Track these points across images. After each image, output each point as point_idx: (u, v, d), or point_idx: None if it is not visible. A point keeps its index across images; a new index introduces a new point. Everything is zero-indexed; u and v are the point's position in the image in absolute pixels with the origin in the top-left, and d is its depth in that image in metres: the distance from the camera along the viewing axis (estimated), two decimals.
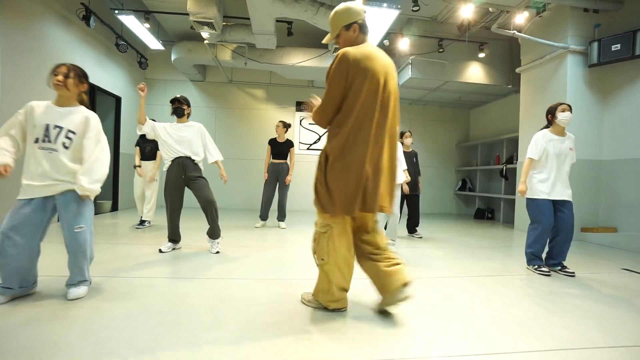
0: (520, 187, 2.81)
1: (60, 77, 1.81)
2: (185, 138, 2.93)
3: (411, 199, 4.37)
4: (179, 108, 2.97)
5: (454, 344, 1.50)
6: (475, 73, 5.89)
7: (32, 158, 1.79)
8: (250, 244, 3.55)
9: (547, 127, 2.82)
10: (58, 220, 1.93)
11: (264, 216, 4.65)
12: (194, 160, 2.96)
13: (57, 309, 1.71)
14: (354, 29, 1.69)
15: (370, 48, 1.65)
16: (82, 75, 1.91)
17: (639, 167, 4.08)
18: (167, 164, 2.95)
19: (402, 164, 3.49)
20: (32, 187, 1.77)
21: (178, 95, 3.03)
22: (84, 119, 1.88)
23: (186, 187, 3.01)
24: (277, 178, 4.59)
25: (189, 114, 3.07)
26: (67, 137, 1.83)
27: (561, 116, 2.68)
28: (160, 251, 2.97)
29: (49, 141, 1.79)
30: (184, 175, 2.93)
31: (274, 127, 5.00)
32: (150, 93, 7.03)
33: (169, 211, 2.99)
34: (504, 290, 2.27)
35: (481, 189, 7.25)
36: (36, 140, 1.78)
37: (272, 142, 4.63)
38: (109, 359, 1.29)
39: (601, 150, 4.53)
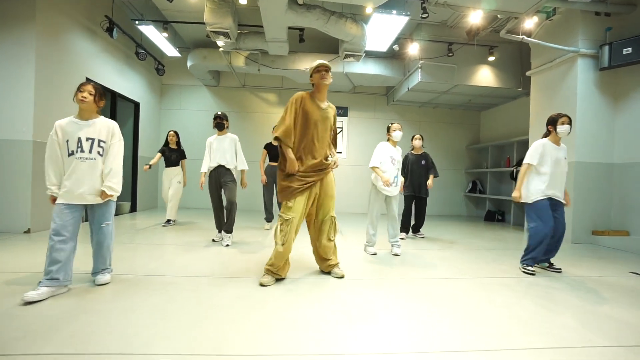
0: (515, 193, 2.89)
1: (85, 94, 2.05)
2: (222, 147, 3.49)
3: (418, 201, 4.46)
4: (220, 123, 3.54)
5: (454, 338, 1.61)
6: (485, 76, 5.92)
7: (69, 168, 2.03)
8: (264, 242, 3.71)
9: (546, 135, 2.92)
10: (85, 220, 2.12)
11: (269, 218, 4.89)
12: (226, 167, 3.49)
13: (88, 302, 1.90)
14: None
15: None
16: (102, 93, 2.16)
17: None
18: (208, 171, 3.54)
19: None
20: (72, 195, 2.03)
21: (219, 113, 3.58)
22: (108, 129, 2.17)
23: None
24: (275, 180, 4.76)
25: (227, 127, 3.60)
26: (100, 146, 2.10)
27: (561, 129, 2.81)
28: (213, 240, 3.63)
29: (82, 151, 2.04)
30: (220, 180, 3.51)
31: None
32: (167, 98, 7.30)
33: (214, 208, 3.60)
34: (506, 292, 2.35)
35: (491, 191, 7.25)
36: (71, 153, 2.02)
37: (269, 146, 4.81)
38: (137, 349, 1.45)
39: (613, 154, 4.52)
